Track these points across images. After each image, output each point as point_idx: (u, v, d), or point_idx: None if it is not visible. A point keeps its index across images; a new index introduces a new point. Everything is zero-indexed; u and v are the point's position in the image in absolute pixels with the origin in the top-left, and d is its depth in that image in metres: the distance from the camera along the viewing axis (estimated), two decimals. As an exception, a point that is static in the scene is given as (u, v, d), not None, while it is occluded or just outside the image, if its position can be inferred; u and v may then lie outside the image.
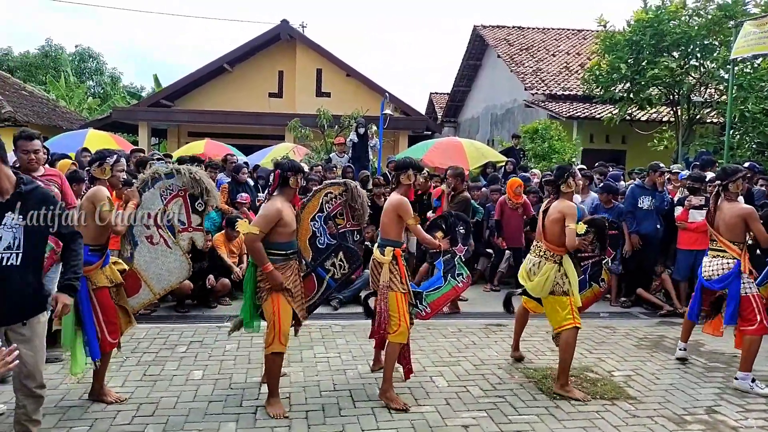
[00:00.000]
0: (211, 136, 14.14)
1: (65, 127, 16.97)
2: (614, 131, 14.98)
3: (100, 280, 3.70)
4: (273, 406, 3.78)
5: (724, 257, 4.56)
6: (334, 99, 17.28)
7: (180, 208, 4.16)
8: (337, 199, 4.31)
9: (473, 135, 20.14)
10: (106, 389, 3.91)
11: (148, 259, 4.06)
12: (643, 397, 4.21)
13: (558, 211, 4.26)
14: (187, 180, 4.12)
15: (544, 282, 4.24)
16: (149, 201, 4.08)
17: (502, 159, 10.91)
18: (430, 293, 4.52)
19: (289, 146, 11.90)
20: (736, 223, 4.51)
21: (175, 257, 4.12)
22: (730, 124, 8.91)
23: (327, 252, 4.27)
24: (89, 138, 10.42)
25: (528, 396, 4.16)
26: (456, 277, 4.58)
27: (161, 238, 4.09)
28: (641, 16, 11.99)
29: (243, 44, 18.01)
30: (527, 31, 21.13)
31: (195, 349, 5.02)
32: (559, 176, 4.35)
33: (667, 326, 6.24)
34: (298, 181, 3.89)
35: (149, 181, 4.10)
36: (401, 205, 4.07)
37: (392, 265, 4.05)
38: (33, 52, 31.47)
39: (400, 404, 3.88)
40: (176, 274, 4.16)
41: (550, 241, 4.31)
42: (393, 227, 4.11)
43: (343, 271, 4.33)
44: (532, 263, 4.39)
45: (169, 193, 4.14)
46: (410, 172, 4.18)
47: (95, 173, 3.79)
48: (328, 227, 4.28)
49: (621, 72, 12.07)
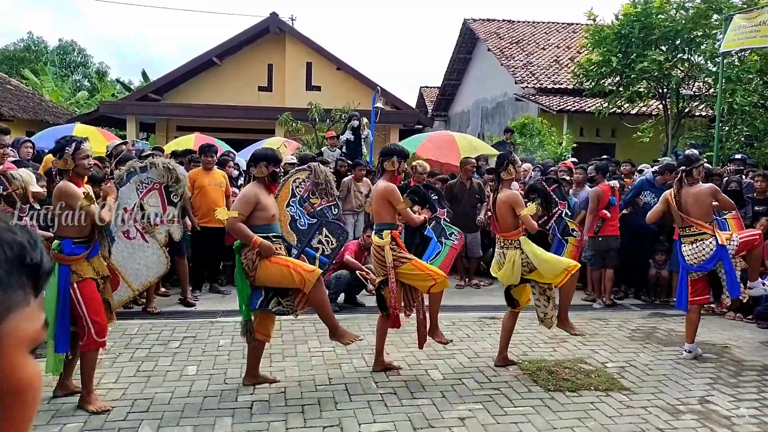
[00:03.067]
0: (200, 130, 13.99)
1: (51, 121, 16.74)
2: (604, 125, 15.05)
3: (85, 271, 3.56)
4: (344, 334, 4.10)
5: (703, 239, 4.77)
6: (324, 92, 17.17)
7: (156, 201, 4.14)
8: (305, 182, 4.44)
9: (464, 129, 20.14)
10: (93, 396, 3.67)
11: (126, 255, 4.03)
12: (636, 387, 4.24)
13: (503, 201, 4.41)
14: (160, 170, 4.11)
15: (512, 268, 4.37)
16: (125, 196, 4.06)
17: (493, 152, 10.93)
18: (433, 260, 4.69)
19: (280, 140, 11.80)
20: (705, 201, 4.79)
21: (153, 251, 4.11)
22: (719, 116, 8.96)
23: (311, 231, 4.37)
24: (76, 132, 10.27)
25: (523, 388, 4.18)
26: (449, 237, 4.83)
27: (137, 233, 4.06)
28: (629, 9, 12.03)
29: (232, 37, 17.83)
30: (517, 25, 21.13)
31: (188, 344, 4.98)
32: (500, 164, 4.55)
33: (659, 318, 6.30)
34: (263, 170, 3.91)
35: (125, 176, 4.07)
36: (390, 191, 4.23)
37: (392, 245, 4.20)
38: (14, 46, 31.01)
39: (444, 339, 4.54)
40: (154, 269, 4.15)
41: (504, 230, 4.47)
42: (386, 212, 4.29)
43: (332, 246, 4.45)
44: (499, 254, 4.55)
45: (144, 187, 4.13)
46: (394, 158, 4.31)
47: (58, 165, 3.54)
48: (305, 208, 4.40)
49: (611, 65, 12.12)
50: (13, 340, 0.60)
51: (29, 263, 0.61)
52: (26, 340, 0.61)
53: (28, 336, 0.61)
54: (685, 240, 4.88)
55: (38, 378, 0.63)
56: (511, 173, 4.49)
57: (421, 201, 4.67)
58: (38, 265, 0.62)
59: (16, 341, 0.60)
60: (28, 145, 6.95)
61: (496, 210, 4.49)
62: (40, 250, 0.63)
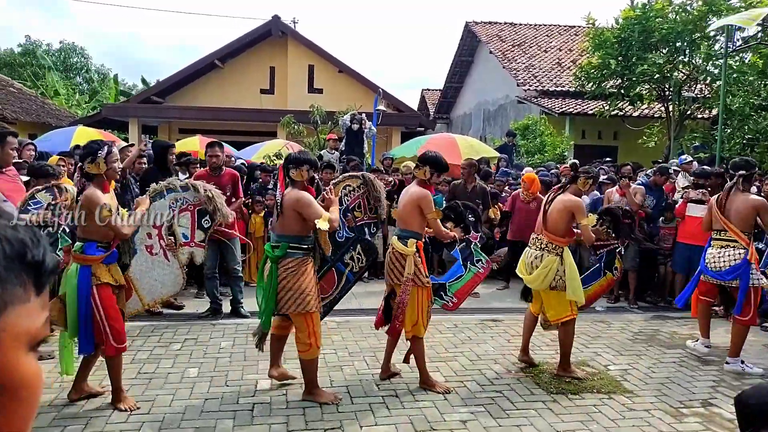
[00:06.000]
0: (202, 132, 14.01)
1: (54, 124, 16.79)
2: (606, 127, 15.04)
3: (103, 276, 3.56)
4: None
5: (735, 247, 4.61)
6: (326, 95, 17.19)
7: (187, 222, 4.11)
8: (355, 191, 4.29)
9: (465, 131, 20.15)
10: (122, 395, 3.73)
11: (144, 269, 4.00)
12: (639, 390, 4.22)
13: (564, 205, 4.28)
14: (201, 196, 4.08)
15: (545, 275, 4.25)
16: (158, 210, 4.01)
17: (495, 155, 10.93)
18: (452, 283, 4.54)
19: (282, 143, 11.83)
20: (748, 213, 4.59)
21: (171, 270, 4.06)
22: (722, 118, 8.94)
23: (346, 245, 4.23)
24: (78, 135, 10.30)
25: (525, 391, 4.17)
26: (476, 264, 4.59)
27: (161, 249, 4.02)
28: (629, 13, 12.04)
29: (234, 40, 17.88)
30: (519, 27, 21.15)
31: (190, 346, 4.97)
32: (576, 169, 4.49)
33: (662, 320, 6.27)
34: (303, 173, 3.81)
35: (163, 191, 4.05)
36: (422, 197, 4.04)
37: (415, 257, 4.04)
38: (15, 50, 31.02)
39: (443, 387, 4.08)
40: (168, 287, 4.11)
41: (552, 232, 4.31)
42: (414, 219, 4.08)
43: (361, 264, 4.30)
44: (534, 256, 4.39)
45: (178, 206, 4.09)
46: (426, 168, 4.13)
47: (89, 169, 3.55)
48: (347, 220, 4.24)
49: (611, 68, 12.13)
50: (10, 336, 0.59)
51: (30, 260, 0.61)
52: (25, 337, 0.61)
53: (27, 333, 0.61)
54: (714, 243, 4.75)
55: (36, 377, 0.63)
56: (581, 185, 4.40)
57: (456, 219, 4.50)
58: (40, 262, 0.62)
59: (14, 337, 0.59)
60: (31, 148, 6.95)
61: (549, 209, 4.36)
62: (43, 248, 0.62)
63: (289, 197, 3.80)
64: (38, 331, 0.62)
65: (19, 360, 0.60)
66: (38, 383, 0.63)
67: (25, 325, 0.61)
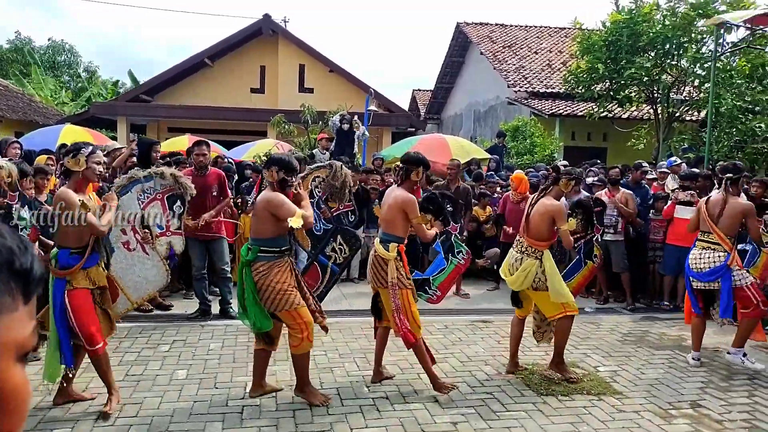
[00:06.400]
0: (191, 131, 13.90)
1: (41, 122, 16.59)
2: (596, 129, 15.12)
3: (78, 281, 3.50)
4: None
5: (716, 250, 4.66)
6: (317, 95, 17.14)
7: (158, 211, 4.05)
8: (324, 182, 4.26)
9: (456, 132, 20.18)
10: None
11: (125, 266, 3.94)
12: (628, 392, 4.24)
13: (546, 209, 4.29)
14: (169, 181, 4.02)
15: (524, 277, 4.28)
16: (126, 205, 3.94)
17: (486, 156, 10.95)
18: (436, 277, 4.54)
19: (272, 142, 11.76)
20: (735, 218, 4.64)
21: (152, 263, 4.00)
22: (711, 120, 9.01)
23: (325, 238, 4.20)
24: (65, 133, 10.14)
25: (515, 392, 4.17)
26: (456, 255, 4.60)
27: (138, 244, 3.96)
28: (617, 17, 12.11)
29: (224, 39, 17.77)
30: (510, 29, 21.22)
31: (178, 348, 4.92)
32: (558, 171, 4.46)
33: (651, 322, 6.31)
34: (273, 174, 3.73)
35: (127, 185, 3.98)
36: (408, 202, 4.00)
37: (397, 261, 4.01)
38: (3, 46, 30.61)
39: (449, 387, 4.06)
40: (153, 282, 4.05)
41: (532, 237, 4.33)
42: (398, 223, 4.04)
43: (344, 255, 4.28)
44: (514, 258, 4.42)
45: (146, 197, 4.02)
46: (420, 169, 4.11)
47: (69, 164, 3.48)
48: (322, 212, 4.21)
49: (599, 72, 12.21)
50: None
51: (18, 269, 0.59)
52: (13, 346, 0.59)
53: (15, 342, 0.59)
54: (698, 244, 4.79)
55: (25, 386, 0.61)
56: (564, 187, 4.40)
57: (435, 211, 4.36)
58: (28, 270, 0.60)
59: (1, 347, 0.58)
60: (16, 146, 6.85)
61: (531, 213, 4.37)
62: (31, 256, 0.60)
63: (260, 199, 3.77)
64: (26, 341, 0.61)
65: (7, 370, 0.58)
66: (26, 394, 0.61)
67: (13, 334, 0.59)
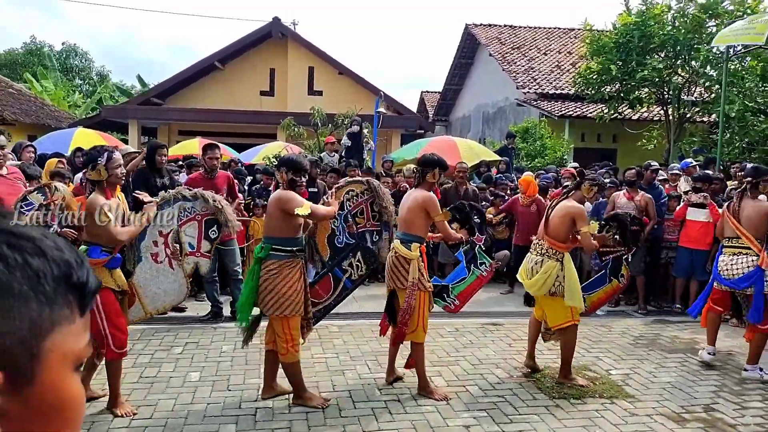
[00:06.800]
0: (202, 134, 14.01)
1: (53, 125, 16.75)
2: (606, 130, 15.05)
3: (106, 280, 3.54)
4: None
5: (748, 254, 4.59)
6: (326, 97, 17.20)
7: (193, 232, 4.09)
8: (358, 197, 4.25)
9: (465, 134, 20.17)
10: (119, 401, 3.73)
11: (148, 277, 3.97)
12: (641, 395, 4.23)
13: (566, 210, 4.27)
14: (210, 207, 4.07)
15: (544, 280, 4.23)
16: (165, 218, 3.99)
17: (495, 158, 10.94)
18: (456, 285, 4.52)
19: (281, 145, 11.83)
20: (760, 220, 4.59)
21: (176, 278, 4.03)
22: (723, 121, 8.95)
23: (345, 252, 4.19)
24: (77, 136, 10.26)
25: (527, 395, 4.17)
26: (479, 267, 4.57)
27: (167, 258, 4.00)
28: (627, 19, 12.06)
29: (234, 42, 17.89)
30: (519, 30, 21.17)
31: (191, 350, 4.97)
32: (582, 176, 4.48)
33: (663, 325, 6.28)
34: (283, 175, 3.82)
35: (171, 200, 4.03)
36: (429, 200, 4.03)
37: (419, 261, 4.02)
38: (19, 50, 31.02)
39: (441, 394, 4.03)
40: (172, 296, 4.07)
41: (553, 238, 4.29)
42: (419, 223, 4.06)
43: (360, 272, 4.25)
44: (534, 261, 4.37)
45: (186, 215, 4.07)
46: (437, 170, 4.13)
47: (90, 176, 3.57)
48: (348, 226, 4.20)
49: (611, 74, 12.15)
50: (57, 356, 0.60)
51: (75, 282, 0.62)
52: (70, 357, 0.62)
53: (72, 353, 0.62)
54: (726, 251, 4.72)
55: (81, 397, 0.63)
56: (586, 192, 4.42)
57: (462, 220, 4.42)
58: (84, 283, 0.63)
59: (61, 358, 0.60)
60: (30, 150, 6.94)
61: (551, 215, 4.36)
62: (87, 269, 0.63)
63: (271, 197, 3.89)
64: (82, 352, 0.63)
65: (65, 380, 0.61)
66: (82, 404, 0.64)
67: (72, 345, 0.61)
